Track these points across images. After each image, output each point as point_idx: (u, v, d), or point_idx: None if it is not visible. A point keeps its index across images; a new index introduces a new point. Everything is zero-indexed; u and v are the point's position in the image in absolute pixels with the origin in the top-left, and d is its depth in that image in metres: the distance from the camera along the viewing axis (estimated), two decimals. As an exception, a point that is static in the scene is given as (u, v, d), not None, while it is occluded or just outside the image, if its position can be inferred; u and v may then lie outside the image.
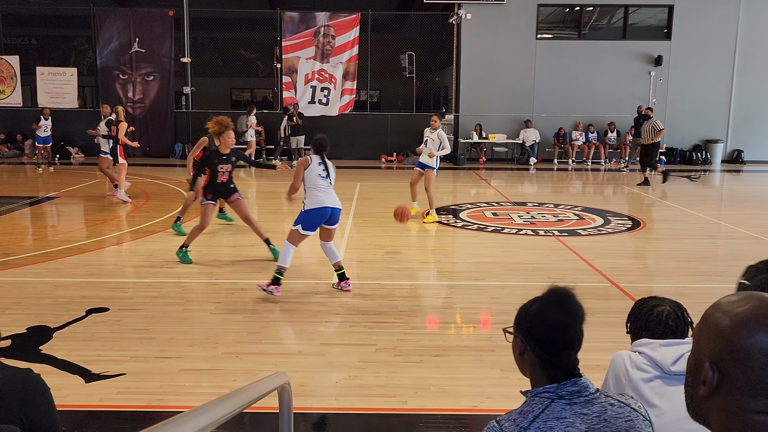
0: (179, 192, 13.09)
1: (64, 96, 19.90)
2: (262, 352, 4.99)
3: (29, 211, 11.18)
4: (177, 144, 19.92)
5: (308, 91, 19.83)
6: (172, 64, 19.83)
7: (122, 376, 4.49)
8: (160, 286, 6.63)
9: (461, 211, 11.40)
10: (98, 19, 19.59)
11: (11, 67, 19.71)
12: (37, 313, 5.73)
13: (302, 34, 19.67)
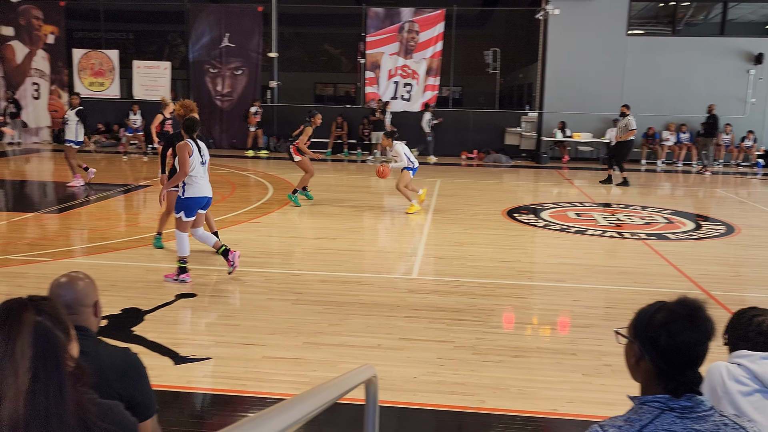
0: (262, 183, 13.43)
1: (158, 89, 20.73)
2: (341, 343, 5.06)
3: (123, 198, 11.74)
4: (264, 137, 20.42)
5: (391, 87, 19.92)
6: (259, 58, 20.34)
7: (208, 360, 4.66)
8: (245, 275, 6.83)
9: (543, 210, 11.19)
10: (191, 14, 20.30)
11: (110, 60, 20.71)
12: (131, 295, 6.02)
13: (386, 29, 19.76)
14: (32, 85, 20.92)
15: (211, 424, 3.84)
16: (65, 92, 20.99)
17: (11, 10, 20.64)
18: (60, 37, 20.86)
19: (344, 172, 16.53)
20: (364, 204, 11.69)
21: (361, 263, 7.65)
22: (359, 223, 10.07)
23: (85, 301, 2.23)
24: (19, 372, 1.41)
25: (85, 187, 12.23)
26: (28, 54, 20.90)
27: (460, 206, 11.56)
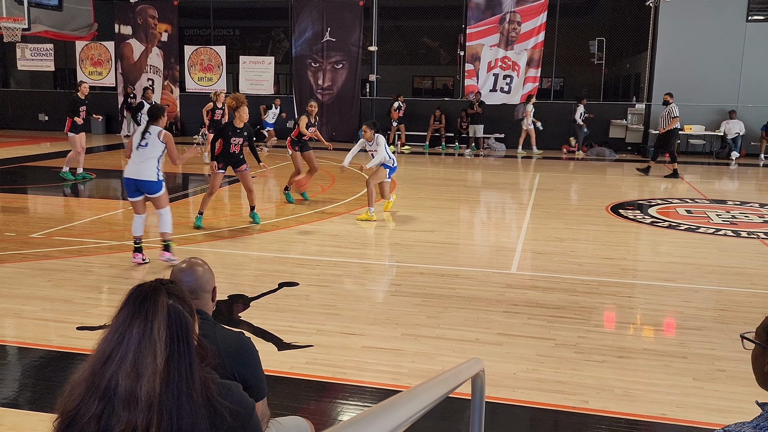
0: (362, 176, 13.60)
1: (262, 83, 21.42)
2: (439, 336, 5.05)
3: (228, 189, 12.20)
4: (361, 130, 20.68)
5: (490, 79, 19.65)
6: (359, 52, 20.58)
7: (310, 348, 4.77)
8: (345, 266, 6.95)
9: (650, 206, 10.72)
10: (295, 10, 20.81)
11: (218, 56, 21.57)
12: (237, 282, 6.25)
13: (487, 20, 19.50)
14: (147, 81, 22.10)
15: (312, 409, 3.93)
16: (176, 87, 22.07)
17: (129, 10, 21.87)
18: (173, 35, 21.92)
19: (441, 166, 16.48)
20: (461, 197, 11.61)
21: (458, 257, 7.60)
22: (456, 216, 10.01)
23: (205, 286, 2.36)
24: (157, 352, 1.49)
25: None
26: (143, 51, 22.09)
27: (561, 201, 11.26)
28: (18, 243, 7.64)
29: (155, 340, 1.50)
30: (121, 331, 1.51)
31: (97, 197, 11.42)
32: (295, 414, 3.64)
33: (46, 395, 4.03)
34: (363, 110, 20.78)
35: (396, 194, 10.97)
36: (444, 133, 19.68)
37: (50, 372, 4.41)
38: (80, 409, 1.47)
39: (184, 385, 1.51)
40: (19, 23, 12.58)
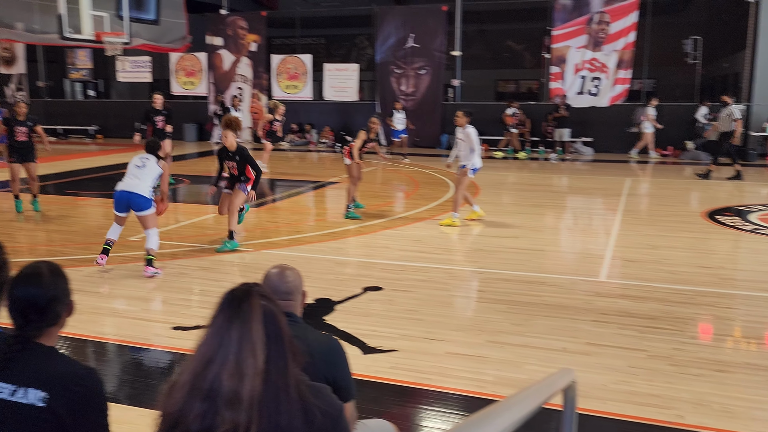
0: (445, 181, 13.56)
1: (346, 90, 21.75)
2: (525, 344, 4.96)
3: (313, 194, 12.44)
4: (443, 135, 20.64)
5: (577, 82, 19.18)
6: (443, 57, 20.55)
7: (394, 352, 4.79)
8: (428, 271, 6.94)
9: (750, 212, 10.17)
10: (379, 17, 21.02)
11: (304, 64, 22.05)
12: (322, 286, 6.35)
13: (574, 22, 19.05)
14: (236, 90, 22.86)
15: (395, 414, 3.94)
16: (264, 95, 22.71)
17: (220, 22, 22.71)
18: (261, 45, 22.58)
19: (526, 171, 16.20)
20: (546, 203, 11.37)
21: (543, 263, 7.45)
22: (541, 222, 9.82)
23: (296, 290, 2.43)
24: (257, 353, 1.55)
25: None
26: (233, 61, 22.87)
27: (653, 206, 10.85)
28: (118, 246, 8.04)
29: (254, 341, 1.55)
30: (220, 334, 1.57)
31: (189, 202, 11.90)
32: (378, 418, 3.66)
33: (144, 391, 4.23)
34: (446, 115, 20.72)
35: (479, 200, 10.88)
36: (528, 137, 19.36)
37: (148, 369, 4.61)
38: (184, 409, 1.53)
39: (281, 383, 1.56)
40: (120, 38, 13.29)
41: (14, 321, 2.04)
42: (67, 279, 2.16)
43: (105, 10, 13.19)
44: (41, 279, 2.06)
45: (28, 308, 2.02)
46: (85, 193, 12.22)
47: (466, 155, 9.11)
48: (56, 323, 2.10)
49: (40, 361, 2.00)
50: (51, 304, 2.06)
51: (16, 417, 1.92)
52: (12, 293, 2.04)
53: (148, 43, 17.33)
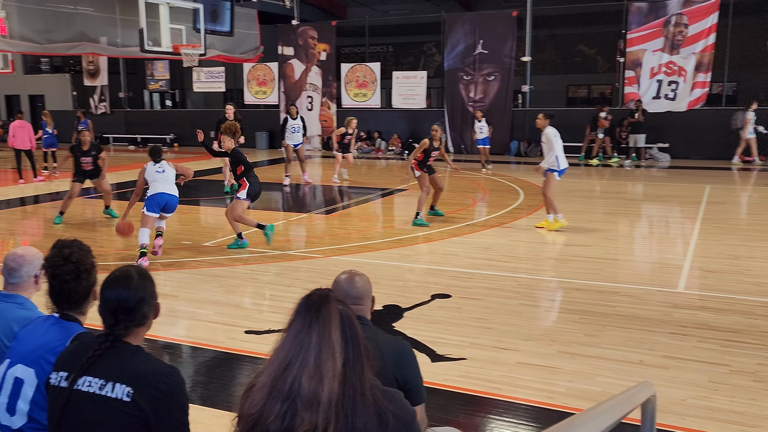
0: (514, 188, 13.39)
1: (414, 97, 21.79)
2: (598, 356, 4.83)
3: (381, 201, 12.50)
4: (513, 142, 20.40)
5: (653, 86, 18.60)
6: (512, 63, 20.33)
7: (463, 361, 4.75)
8: (498, 279, 6.85)
9: (842, 221, 9.60)
10: (447, 24, 20.99)
11: (373, 72, 22.23)
12: (391, 293, 6.37)
13: (650, 24, 18.50)
14: (307, 98, 23.26)
15: (464, 423, 3.90)
16: (333, 103, 23.02)
17: (292, 32, 23.18)
18: (330, 54, 22.91)
19: (598, 177, 15.81)
20: (620, 210, 11.06)
21: (617, 273, 7.24)
22: (615, 230, 9.55)
23: (366, 295, 2.46)
24: (335, 356, 1.57)
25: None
26: (304, 70, 23.29)
27: (735, 215, 10.40)
28: (193, 251, 8.30)
29: (333, 344, 1.58)
30: (300, 337, 1.60)
31: (260, 209, 12.14)
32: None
33: (218, 393, 4.33)
34: (515, 122, 20.48)
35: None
36: (601, 143, 18.89)
37: (221, 372, 4.73)
38: (264, 411, 1.58)
39: (358, 386, 1.59)
40: (197, 49, 13.74)
41: (105, 320, 2.18)
42: (153, 282, 2.30)
43: (182, 24, 13.67)
44: (131, 282, 2.20)
45: (118, 309, 2.16)
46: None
47: (549, 158, 8.95)
48: (143, 324, 2.24)
49: (127, 358, 2.12)
50: (139, 306, 2.19)
51: (103, 409, 2.04)
52: (104, 294, 2.18)
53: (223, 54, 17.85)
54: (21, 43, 14.97)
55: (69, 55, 22.25)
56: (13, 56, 19.70)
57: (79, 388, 2.08)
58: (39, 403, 2.50)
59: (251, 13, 19.78)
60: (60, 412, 2.08)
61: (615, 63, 20.37)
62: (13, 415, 2.51)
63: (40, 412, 2.50)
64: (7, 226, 10.15)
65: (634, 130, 17.73)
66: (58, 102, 27.03)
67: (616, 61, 19.92)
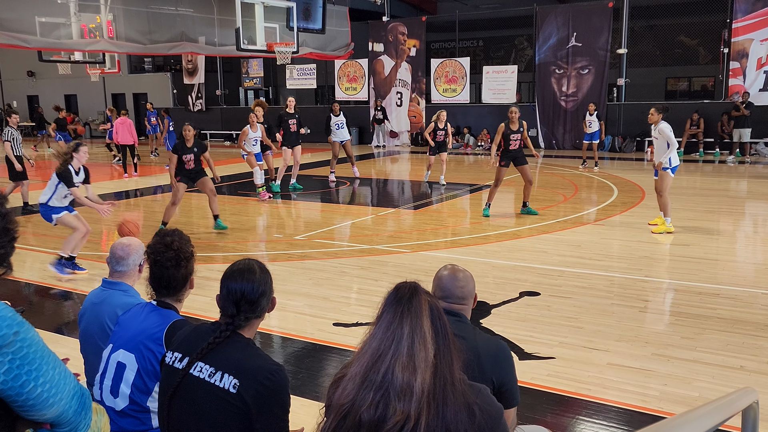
0: (607, 185, 12.98)
1: (504, 92, 21.48)
2: (696, 359, 4.63)
3: (469, 197, 12.41)
4: (607, 137, 19.76)
5: (761, 77, 17.55)
6: (607, 56, 19.69)
7: (552, 360, 4.66)
8: (589, 278, 6.68)
9: None
10: (539, 17, 20.55)
11: (462, 67, 22.08)
12: (478, 289, 6.26)
13: (759, 12, 17.45)
14: (396, 94, 23.39)
15: (551, 423, 3.83)
16: (423, 99, 23.03)
17: (381, 28, 23.35)
18: (420, 50, 22.93)
19: (699, 174, 15.09)
20: (722, 209, 10.53)
21: (718, 274, 6.90)
22: (716, 229, 9.10)
23: (472, 293, 2.46)
24: (428, 346, 1.60)
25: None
26: (393, 66, 23.42)
27: None
28: (285, 244, 8.54)
29: (425, 334, 1.60)
30: (392, 328, 1.63)
31: (349, 203, 12.33)
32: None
33: (307, 382, 4.45)
34: (609, 116, 19.83)
35: (646, 205, 10.32)
36: (702, 138, 18.02)
37: (310, 362, 4.85)
38: (356, 400, 1.61)
39: (449, 377, 1.60)
40: (290, 47, 14.06)
41: (226, 310, 2.28)
42: (271, 276, 2.39)
43: (276, 22, 14.03)
44: (254, 275, 2.30)
45: (242, 300, 2.25)
46: (255, 194, 13.06)
47: (661, 154, 8.59)
48: (260, 316, 2.34)
49: (238, 350, 2.21)
50: (260, 298, 2.29)
51: (210, 396, 2.14)
52: (227, 285, 2.28)
53: (315, 52, 18.17)
54: (126, 44, 15.80)
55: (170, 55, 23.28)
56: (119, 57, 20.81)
57: (191, 372, 2.18)
58: (139, 386, 2.66)
59: (342, 10, 20.03)
60: (173, 391, 2.19)
61: (718, 54, 19.35)
62: (117, 397, 2.68)
63: (140, 395, 2.66)
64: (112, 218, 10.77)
65: (738, 124, 16.80)
66: (160, 100, 28.35)
67: (720, 51, 18.92)
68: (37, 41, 14.15)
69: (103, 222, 10.39)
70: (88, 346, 3.06)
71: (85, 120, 29.94)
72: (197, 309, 5.53)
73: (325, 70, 24.94)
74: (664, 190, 8.63)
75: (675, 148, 8.56)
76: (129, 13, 15.51)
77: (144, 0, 15.78)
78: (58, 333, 5.53)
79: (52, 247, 8.46)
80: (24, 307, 6.11)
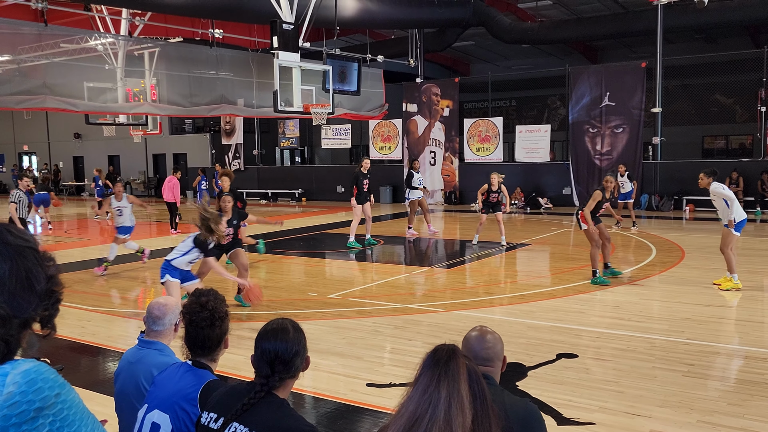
0: (645, 244, 12.78)
1: (538, 151, 21.54)
2: (744, 427, 4.43)
3: (504, 255, 12.31)
4: (643, 195, 19.57)
5: (800, 135, 17.33)
6: (641, 115, 19.68)
7: (592, 425, 4.51)
8: (628, 340, 6.51)
9: None
10: (572, 77, 20.73)
11: (495, 127, 22.27)
12: (513, 350, 6.20)
13: (794, 71, 17.37)
14: (429, 153, 23.61)
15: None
16: (456, 158, 23.20)
17: (416, 89, 23.79)
18: (453, 110, 23.24)
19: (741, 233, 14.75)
20: (764, 269, 10.25)
21: (764, 337, 6.67)
22: (760, 290, 8.84)
23: (499, 355, 2.42)
24: (465, 411, 1.57)
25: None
26: (427, 126, 23.73)
27: None
28: (318, 303, 8.53)
29: (462, 399, 1.57)
30: (430, 391, 1.60)
31: (383, 262, 12.32)
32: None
33: (339, 445, 4.36)
34: (645, 174, 19.68)
35: (687, 265, 10.10)
36: (742, 197, 17.71)
37: (343, 423, 4.77)
38: None
39: None
40: (326, 108, 14.40)
41: (260, 371, 2.28)
42: (305, 336, 2.39)
43: (313, 84, 14.41)
44: (288, 334, 2.31)
45: (276, 360, 2.26)
46: (290, 252, 13.17)
47: (724, 212, 8.63)
48: (295, 376, 2.34)
49: (272, 411, 2.20)
50: (294, 358, 2.29)
51: None
52: (261, 345, 2.29)
53: (350, 112, 18.57)
54: (168, 107, 16.38)
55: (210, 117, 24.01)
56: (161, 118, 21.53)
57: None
58: (173, 446, 2.64)
59: (377, 72, 20.53)
60: None
61: (756, 112, 19.21)
62: None
63: None
64: (151, 274, 10.92)
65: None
66: (199, 159, 29.08)
67: (757, 110, 18.78)
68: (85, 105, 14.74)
69: (139, 279, 10.55)
70: (123, 405, 3.06)
71: (127, 179, 30.78)
72: (230, 368, 5.52)
73: (360, 129, 25.39)
74: (725, 246, 8.61)
75: (735, 202, 8.56)
76: (172, 77, 16.09)
77: (186, 64, 16.39)
78: (93, 390, 5.56)
79: (90, 304, 8.59)
80: (62, 365, 6.18)
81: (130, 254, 12.11)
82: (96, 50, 15.71)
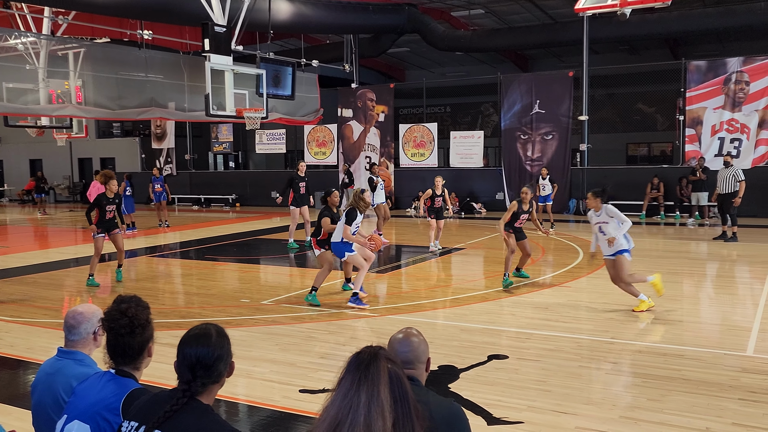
0: (573, 247, 13.17)
1: (472, 156, 21.93)
2: (662, 422, 4.63)
3: (439, 260, 12.46)
4: (572, 200, 20.18)
5: (715, 144, 18.24)
6: (569, 122, 20.31)
7: (520, 424, 4.62)
8: (556, 340, 6.70)
9: None
10: (504, 85, 21.21)
11: (430, 132, 22.54)
12: (446, 353, 6.29)
13: (710, 82, 18.29)
14: (365, 159, 23.68)
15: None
16: (392, 163, 23.35)
17: (351, 94, 23.83)
18: (389, 115, 23.39)
19: (660, 236, 15.41)
20: (683, 270, 10.73)
21: (682, 335, 6.98)
22: (679, 290, 9.25)
23: (421, 357, 2.44)
24: (385, 415, 1.58)
25: None
26: (362, 131, 23.81)
27: (808, 276, 9.92)
28: (251, 309, 8.43)
29: (382, 403, 1.58)
30: (350, 395, 1.61)
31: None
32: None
33: (271, 452, 4.32)
34: (573, 180, 20.31)
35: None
36: (663, 201, 18.50)
37: (276, 431, 4.72)
38: None
39: None
40: (259, 113, 14.25)
41: (182, 377, 2.23)
42: (229, 341, 2.34)
43: (246, 89, 14.25)
44: (210, 339, 2.26)
45: (197, 365, 2.21)
46: (222, 258, 12.96)
47: (620, 236, 7.78)
48: (218, 381, 2.29)
49: (195, 418, 2.16)
50: (216, 363, 2.24)
51: None
52: (183, 350, 2.24)
53: (284, 117, 18.43)
54: (95, 110, 15.85)
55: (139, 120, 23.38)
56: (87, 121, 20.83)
57: None
58: (93, 459, 2.56)
59: (312, 77, 20.46)
60: None
61: (675, 121, 20.11)
62: None
63: None
64: (74, 282, 10.54)
65: (695, 188, 17.29)
66: (128, 164, 28.27)
67: (676, 118, 19.67)
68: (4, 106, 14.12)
69: (63, 288, 10.18)
70: (40, 418, 2.95)
71: (51, 184, 29.62)
72: (158, 377, 5.39)
73: (295, 134, 25.24)
74: (625, 278, 7.83)
75: (629, 227, 7.74)
76: (98, 79, 15.59)
77: (114, 66, 15.92)
78: (11, 405, 5.32)
79: (8, 315, 8.23)
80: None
81: (52, 261, 11.65)
82: (16, 49, 15.07)
